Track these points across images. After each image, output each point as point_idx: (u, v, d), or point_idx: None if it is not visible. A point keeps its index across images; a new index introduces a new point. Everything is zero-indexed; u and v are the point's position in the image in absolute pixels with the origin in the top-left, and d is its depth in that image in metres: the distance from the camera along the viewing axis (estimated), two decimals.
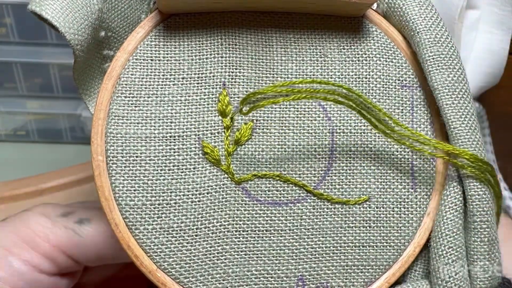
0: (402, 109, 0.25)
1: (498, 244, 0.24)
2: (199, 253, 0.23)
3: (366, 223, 0.24)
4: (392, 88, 0.25)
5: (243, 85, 0.24)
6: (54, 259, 0.27)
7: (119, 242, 0.23)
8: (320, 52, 0.25)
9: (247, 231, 0.23)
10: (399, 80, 0.25)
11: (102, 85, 0.23)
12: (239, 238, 0.23)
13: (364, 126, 0.24)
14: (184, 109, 0.23)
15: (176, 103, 0.23)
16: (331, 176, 0.24)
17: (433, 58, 0.24)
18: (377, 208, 0.24)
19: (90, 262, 0.28)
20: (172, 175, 0.23)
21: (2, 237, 0.26)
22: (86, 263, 0.28)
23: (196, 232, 0.23)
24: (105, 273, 0.32)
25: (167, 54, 0.24)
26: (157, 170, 0.23)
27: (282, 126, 0.24)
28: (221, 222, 0.23)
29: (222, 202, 0.23)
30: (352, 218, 0.24)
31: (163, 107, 0.23)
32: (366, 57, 0.25)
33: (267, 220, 0.24)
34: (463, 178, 0.24)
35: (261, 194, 0.24)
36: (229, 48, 0.24)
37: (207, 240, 0.23)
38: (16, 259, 0.26)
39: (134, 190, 0.23)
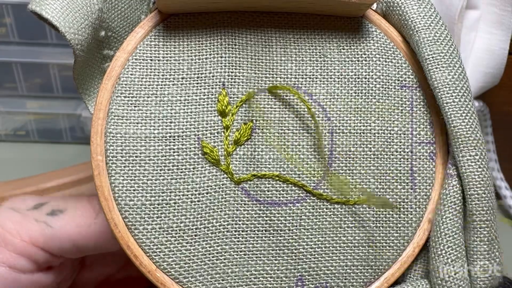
0: (401, 109, 0.25)
1: (498, 244, 0.24)
2: (199, 253, 0.23)
3: (366, 223, 0.24)
4: (391, 88, 0.25)
5: (242, 85, 0.24)
6: (29, 255, 0.26)
7: (97, 232, 0.23)
8: (319, 52, 0.25)
9: (247, 231, 0.23)
10: (398, 80, 0.25)
11: (101, 85, 0.23)
12: (238, 238, 0.23)
13: (364, 126, 0.24)
14: (184, 109, 0.23)
15: (176, 103, 0.23)
16: (331, 176, 0.24)
17: (432, 57, 0.24)
18: (376, 208, 0.24)
19: (68, 254, 0.27)
20: (172, 175, 0.23)
21: None
22: (64, 254, 0.27)
23: (196, 232, 0.23)
24: (105, 272, 0.31)
25: (166, 54, 0.24)
26: (157, 170, 0.23)
27: (281, 126, 0.24)
28: (220, 222, 0.23)
29: (222, 202, 0.23)
30: (351, 218, 0.24)
31: (163, 107, 0.23)
32: (365, 57, 0.25)
33: (266, 220, 0.24)
34: (462, 178, 0.24)
35: (261, 194, 0.24)
36: (228, 48, 0.24)
37: (207, 240, 0.23)
38: None
39: (134, 190, 0.23)
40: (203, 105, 0.23)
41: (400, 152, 0.24)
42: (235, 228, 0.23)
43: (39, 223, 0.26)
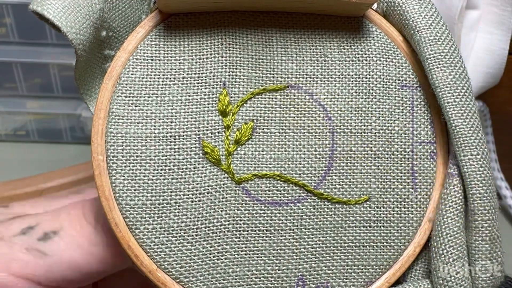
0: (402, 109, 0.25)
1: (500, 243, 0.24)
2: (200, 252, 0.23)
3: (367, 223, 0.24)
4: (392, 88, 0.25)
5: (243, 85, 0.24)
6: None
7: (101, 248, 0.21)
8: (320, 52, 0.25)
9: (247, 231, 0.23)
10: (399, 80, 0.25)
11: (102, 84, 0.23)
12: (239, 238, 0.23)
13: (365, 126, 0.24)
14: (185, 109, 0.23)
15: (177, 103, 0.23)
16: (332, 176, 0.24)
17: (433, 57, 0.24)
18: (377, 208, 0.24)
19: (74, 283, 0.23)
20: (172, 175, 0.23)
21: None
22: (67, 284, 0.23)
23: (197, 232, 0.23)
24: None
25: (167, 54, 0.24)
26: (157, 170, 0.23)
27: (282, 126, 0.24)
28: (221, 222, 0.23)
29: (223, 202, 0.23)
30: (352, 218, 0.24)
31: (164, 106, 0.23)
32: (366, 57, 0.25)
33: (267, 220, 0.24)
34: (464, 177, 0.24)
35: (261, 194, 0.24)
36: (229, 48, 0.24)
37: (208, 240, 0.23)
38: None
39: (134, 190, 0.23)
40: (204, 104, 0.23)
41: (401, 151, 0.24)
42: (236, 228, 0.23)
43: (31, 252, 0.22)
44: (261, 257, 0.23)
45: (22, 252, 0.22)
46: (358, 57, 0.25)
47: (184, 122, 0.23)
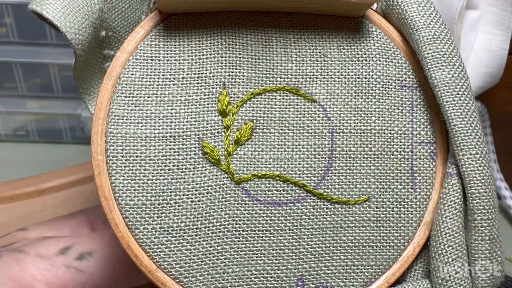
0: (401, 109, 0.25)
1: (500, 243, 0.24)
2: (199, 252, 0.23)
3: (366, 223, 0.24)
4: (391, 88, 0.25)
5: (243, 85, 0.24)
6: None
7: (120, 276, 0.23)
8: (320, 52, 0.25)
9: (247, 231, 0.23)
10: (398, 80, 0.25)
11: (102, 84, 0.23)
12: (239, 238, 0.23)
13: (364, 126, 0.24)
14: (184, 109, 0.23)
15: (176, 103, 0.23)
16: (331, 176, 0.24)
17: (432, 55, 0.24)
18: (376, 208, 0.24)
19: None
20: (172, 175, 0.23)
21: None
22: None
23: (196, 232, 0.23)
24: None
25: (167, 54, 0.24)
26: (157, 170, 0.23)
27: (282, 126, 0.24)
28: (221, 222, 0.23)
29: (222, 202, 0.23)
30: (351, 218, 0.24)
31: (163, 107, 0.23)
32: (366, 57, 0.25)
33: (267, 220, 0.24)
34: (463, 176, 0.24)
35: (261, 194, 0.24)
36: (229, 48, 0.24)
37: (207, 240, 0.23)
38: None
39: (134, 190, 0.23)
40: (204, 105, 0.23)
41: (400, 152, 0.24)
42: (236, 228, 0.23)
43: (69, 270, 0.25)
44: (261, 257, 0.23)
45: (61, 269, 0.25)
46: (358, 57, 0.25)
47: (183, 122, 0.23)
